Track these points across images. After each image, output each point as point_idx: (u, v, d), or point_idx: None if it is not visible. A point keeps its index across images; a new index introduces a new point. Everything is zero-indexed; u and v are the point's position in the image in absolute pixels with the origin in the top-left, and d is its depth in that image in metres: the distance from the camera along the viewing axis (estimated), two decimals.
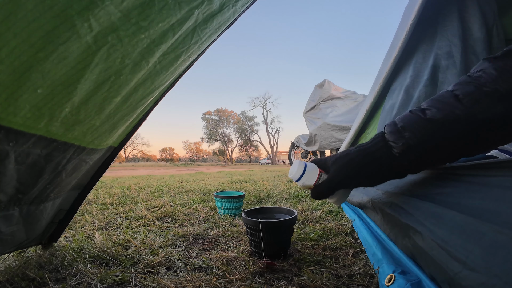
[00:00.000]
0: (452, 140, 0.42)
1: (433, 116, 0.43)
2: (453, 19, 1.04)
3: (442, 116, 0.42)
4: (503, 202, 0.36)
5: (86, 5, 0.27)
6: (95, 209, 1.26)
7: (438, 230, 0.44)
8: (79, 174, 0.58)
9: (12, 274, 0.57)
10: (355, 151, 0.50)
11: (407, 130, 0.44)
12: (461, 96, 0.41)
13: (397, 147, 0.45)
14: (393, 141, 0.45)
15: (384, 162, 0.47)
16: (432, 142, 0.43)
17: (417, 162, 0.45)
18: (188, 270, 0.61)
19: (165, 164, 27.03)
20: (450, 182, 0.51)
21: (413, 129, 0.44)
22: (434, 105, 0.44)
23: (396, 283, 0.45)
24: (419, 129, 0.43)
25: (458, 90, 0.42)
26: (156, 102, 0.63)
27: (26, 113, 0.32)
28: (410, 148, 0.44)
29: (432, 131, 0.42)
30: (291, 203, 1.43)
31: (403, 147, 0.44)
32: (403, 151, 0.44)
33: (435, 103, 0.44)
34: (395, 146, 0.45)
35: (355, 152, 0.50)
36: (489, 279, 0.30)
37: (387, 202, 0.70)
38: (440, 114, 0.42)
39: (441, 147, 0.43)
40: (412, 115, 0.45)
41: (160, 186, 2.29)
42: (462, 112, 0.41)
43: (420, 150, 0.44)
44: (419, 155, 0.44)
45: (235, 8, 0.52)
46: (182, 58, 0.50)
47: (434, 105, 0.43)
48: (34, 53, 0.28)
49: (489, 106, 0.39)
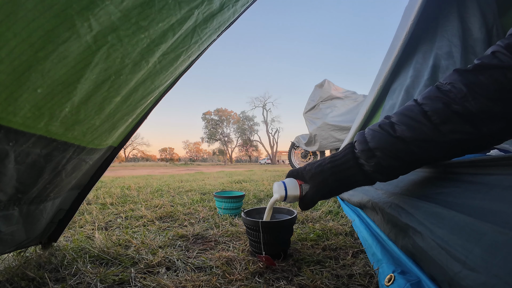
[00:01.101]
0: (423, 156, 0.43)
1: (402, 135, 0.43)
2: (453, 19, 1.04)
3: (412, 135, 0.42)
4: (503, 202, 0.36)
5: (86, 4, 0.27)
6: (95, 209, 1.26)
7: (438, 230, 0.44)
8: (79, 174, 0.58)
9: (11, 273, 0.57)
10: (328, 168, 0.51)
11: (378, 150, 0.45)
12: (430, 113, 0.41)
13: (369, 166, 0.46)
14: (364, 160, 0.47)
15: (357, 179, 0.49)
16: (404, 160, 0.44)
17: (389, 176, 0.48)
18: (188, 270, 0.61)
19: (165, 164, 27.04)
20: (450, 182, 0.51)
21: (384, 149, 0.44)
22: (403, 121, 0.44)
23: (395, 283, 0.45)
24: (390, 149, 0.44)
25: (427, 105, 0.42)
26: (156, 102, 0.63)
27: (26, 112, 0.32)
28: (382, 167, 0.45)
29: (402, 150, 0.43)
30: (290, 203, 1.43)
31: (375, 167, 0.45)
32: (374, 170, 0.46)
33: (404, 119, 0.44)
34: (366, 165, 0.46)
35: (328, 169, 0.51)
36: (489, 279, 0.30)
37: (387, 202, 0.70)
38: (409, 132, 0.42)
39: (412, 163, 0.45)
40: (383, 133, 0.45)
41: (160, 186, 2.29)
42: (431, 131, 0.41)
43: (391, 167, 0.45)
44: (391, 171, 0.46)
45: (235, 8, 0.52)
46: (182, 58, 0.50)
47: (403, 122, 0.44)
48: (34, 53, 0.28)
49: (458, 125, 0.39)
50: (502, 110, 0.37)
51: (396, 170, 0.46)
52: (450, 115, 0.40)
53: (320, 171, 0.53)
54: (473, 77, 0.39)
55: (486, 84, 0.38)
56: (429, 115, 0.41)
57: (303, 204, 0.59)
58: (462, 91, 0.39)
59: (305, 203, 0.58)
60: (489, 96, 0.37)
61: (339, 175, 0.50)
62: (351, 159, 0.48)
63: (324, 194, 0.54)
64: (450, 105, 0.39)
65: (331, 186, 0.51)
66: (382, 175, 0.46)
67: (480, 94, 0.38)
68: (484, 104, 0.37)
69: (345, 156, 0.50)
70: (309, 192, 0.56)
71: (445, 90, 0.41)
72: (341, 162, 0.50)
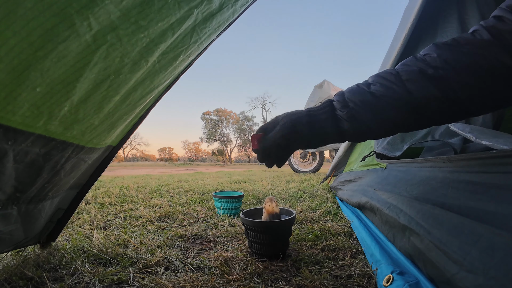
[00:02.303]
0: (390, 113, 0.45)
1: (375, 90, 0.46)
2: (453, 20, 1.04)
3: (383, 91, 0.45)
4: (500, 202, 0.36)
5: (85, 3, 0.27)
6: (94, 209, 1.26)
7: (435, 231, 0.44)
8: (78, 173, 0.57)
9: (10, 273, 0.57)
10: (305, 111, 0.52)
11: (352, 101, 0.47)
12: (401, 73, 0.45)
13: (342, 115, 0.48)
14: (339, 109, 0.49)
15: (328, 124, 0.49)
16: (372, 113, 0.46)
17: (358, 130, 0.48)
18: (186, 270, 0.61)
19: (164, 164, 26.98)
20: (447, 182, 0.51)
21: (357, 101, 0.47)
22: (378, 80, 0.47)
23: (394, 284, 0.45)
24: (362, 101, 0.46)
25: (401, 68, 0.46)
26: (155, 101, 0.63)
27: (25, 111, 0.32)
28: (353, 116, 0.47)
29: (372, 104, 0.46)
30: (290, 204, 1.43)
31: (347, 115, 0.47)
32: (346, 119, 0.48)
33: (379, 79, 0.47)
34: (340, 114, 0.48)
35: (305, 112, 0.52)
36: (486, 281, 0.30)
37: (385, 203, 0.70)
38: (381, 89, 0.46)
39: (379, 120, 0.46)
40: (358, 88, 0.49)
41: (159, 186, 2.29)
42: (399, 88, 0.44)
43: (361, 119, 0.47)
44: (359, 124, 0.47)
45: (235, 7, 0.52)
46: (181, 57, 0.50)
47: (378, 81, 0.47)
48: (33, 52, 0.27)
49: (424, 85, 0.42)
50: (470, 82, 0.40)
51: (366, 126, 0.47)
52: (418, 76, 0.43)
53: (296, 112, 0.53)
54: (448, 50, 0.42)
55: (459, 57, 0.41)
56: (401, 75, 0.45)
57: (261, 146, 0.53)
58: (435, 60, 0.42)
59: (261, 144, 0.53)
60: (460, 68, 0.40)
61: (313, 117, 0.50)
62: (328, 106, 0.50)
63: (288, 133, 0.50)
64: (421, 69, 0.43)
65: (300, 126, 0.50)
66: (352, 125, 0.47)
67: (452, 65, 0.41)
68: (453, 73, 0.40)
69: (323, 104, 0.52)
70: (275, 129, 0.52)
71: (420, 58, 0.45)
72: (318, 108, 0.52)
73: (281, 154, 0.53)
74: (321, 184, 2.29)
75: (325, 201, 1.44)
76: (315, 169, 4.49)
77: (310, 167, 4.59)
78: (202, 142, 39.80)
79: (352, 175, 1.43)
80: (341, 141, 0.51)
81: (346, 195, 1.25)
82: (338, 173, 2.26)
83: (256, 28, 72.61)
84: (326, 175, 2.36)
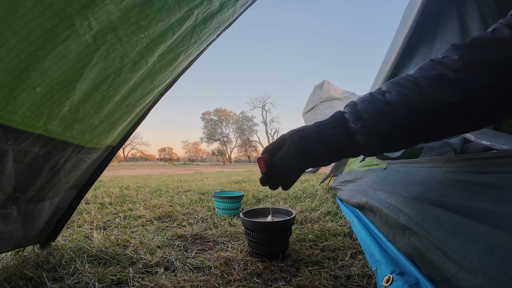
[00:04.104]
0: (408, 124, 0.41)
1: (391, 99, 0.42)
2: (453, 21, 1.04)
3: (400, 99, 0.41)
4: (500, 203, 0.36)
5: (85, 3, 0.27)
6: (93, 209, 1.26)
7: (435, 231, 0.44)
8: (78, 173, 0.57)
9: (10, 273, 0.57)
10: (313, 126, 0.48)
11: (366, 112, 0.43)
12: (419, 79, 0.41)
13: (356, 128, 0.44)
14: (352, 121, 0.45)
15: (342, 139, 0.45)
16: (390, 125, 0.42)
17: (374, 144, 0.44)
18: (186, 270, 0.61)
19: (164, 164, 26.99)
20: (447, 182, 0.51)
21: (372, 112, 0.43)
22: (394, 88, 0.43)
23: (394, 284, 0.45)
24: (378, 112, 0.42)
25: (419, 74, 0.42)
26: (155, 101, 0.63)
27: (25, 111, 0.32)
28: (369, 129, 0.43)
29: (389, 114, 0.42)
30: (289, 204, 1.43)
31: (361, 128, 0.43)
32: (361, 132, 0.44)
33: (395, 86, 0.43)
34: (353, 126, 0.44)
35: (313, 127, 0.48)
36: (486, 281, 0.30)
37: (385, 203, 0.70)
38: (398, 97, 0.42)
39: (397, 131, 0.42)
40: (372, 98, 0.44)
41: (158, 186, 2.29)
42: (417, 95, 0.40)
43: (377, 132, 0.43)
44: (376, 137, 0.43)
45: (235, 8, 0.52)
46: (181, 57, 0.50)
47: (394, 88, 0.43)
48: (33, 52, 0.27)
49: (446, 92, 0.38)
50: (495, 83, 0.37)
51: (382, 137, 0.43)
52: (438, 80, 0.39)
53: (304, 129, 0.48)
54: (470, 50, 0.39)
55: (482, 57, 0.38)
56: (418, 80, 0.41)
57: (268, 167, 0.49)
58: (456, 62, 0.39)
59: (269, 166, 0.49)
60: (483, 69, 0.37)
61: (323, 133, 0.46)
62: (339, 119, 0.46)
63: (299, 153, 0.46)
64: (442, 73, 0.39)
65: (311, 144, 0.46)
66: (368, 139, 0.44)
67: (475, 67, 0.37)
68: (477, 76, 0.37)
69: (333, 117, 0.48)
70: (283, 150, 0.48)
71: (439, 61, 0.41)
72: (328, 121, 0.47)
73: (290, 175, 0.49)
74: (321, 184, 2.29)
75: (325, 201, 1.44)
76: (315, 170, 4.48)
77: None
78: (202, 142, 39.84)
79: (352, 175, 1.43)
80: (355, 156, 0.47)
81: (346, 195, 1.25)
82: (338, 173, 2.26)
83: (256, 28, 72.63)
84: (326, 175, 2.36)
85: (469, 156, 0.49)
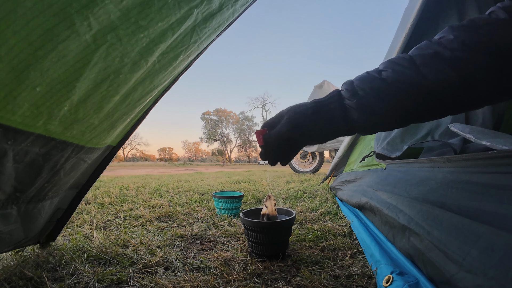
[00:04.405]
0: (403, 100, 0.42)
1: (387, 76, 0.43)
2: (453, 20, 1.04)
3: (395, 76, 0.42)
4: (500, 203, 0.36)
5: (85, 3, 0.27)
6: (93, 209, 1.26)
7: (435, 231, 0.44)
8: (77, 173, 0.57)
9: (9, 273, 0.57)
10: (310, 102, 0.49)
11: (361, 89, 0.44)
12: (415, 58, 0.42)
13: (351, 104, 0.45)
14: (348, 98, 0.45)
15: (336, 115, 0.46)
16: (384, 101, 0.43)
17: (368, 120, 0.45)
18: (186, 270, 0.61)
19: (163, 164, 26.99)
20: (447, 182, 0.51)
21: (367, 88, 0.44)
22: (389, 66, 0.44)
23: (394, 284, 0.45)
24: (373, 88, 0.43)
25: (415, 53, 0.43)
26: (155, 101, 0.63)
27: (25, 111, 0.32)
28: (363, 105, 0.44)
29: (384, 90, 0.43)
30: (289, 204, 1.43)
31: (356, 104, 0.44)
32: (356, 108, 0.44)
33: (391, 65, 0.44)
34: (349, 103, 0.45)
35: (310, 103, 0.49)
36: (486, 282, 0.30)
37: (385, 203, 0.70)
38: (393, 74, 0.42)
39: (391, 108, 0.43)
40: (369, 76, 0.45)
41: (158, 186, 2.29)
42: (413, 72, 0.41)
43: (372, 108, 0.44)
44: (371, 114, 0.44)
45: (235, 7, 0.52)
46: (181, 57, 0.50)
47: (390, 66, 0.44)
48: (33, 51, 0.27)
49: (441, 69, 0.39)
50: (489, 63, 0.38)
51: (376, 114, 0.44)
52: (434, 59, 0.40)
53: (301, 104, 0.50)
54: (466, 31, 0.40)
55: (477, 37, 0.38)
56: (414, 59, 0.42)
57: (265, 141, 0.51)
58: (452, 41, 0.40)
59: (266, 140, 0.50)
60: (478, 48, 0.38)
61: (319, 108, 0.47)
62: (335, 95, 0.47)
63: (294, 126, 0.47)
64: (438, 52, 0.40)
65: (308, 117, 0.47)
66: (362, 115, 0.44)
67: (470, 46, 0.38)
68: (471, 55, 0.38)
69: (330, 94, 0.49)
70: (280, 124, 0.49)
71: (436, 41, 0.42)
72: (325, 98, 0.48)
73: (287, 150, 0.51)
74: (321, 184, 2.29)
75: (325, 202, 1.44)
76: (315, 170, 4.49)
77: (310, 168, 4.60)
78: (202, 142, 39.87)
79: (352, 175, 1.43)
80: (350, 133, 0.48)
81: (346, 196, 1.25)
82: (338, 173, 2.26)
83: (257, 28, 72.61)
84: (326, 175, 2.36)
85: (469, 156, 0.49)
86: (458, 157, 0.53)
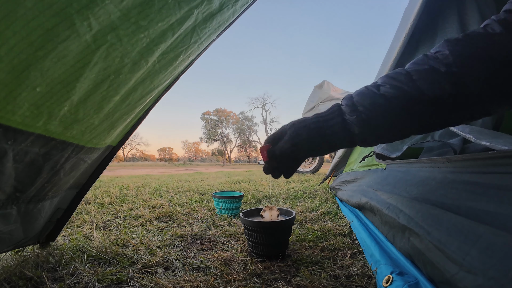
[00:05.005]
0: (402, 115, 0.43)
1: (386, 92, 0.44)
2: (453, 21, 1.04)
3: (393, 92, 0.43)
4: (500, 203, 0.36)
5: (85, 3, 0.27)
6: (93, 209, 1.26)
7: (435, 231, 0.44)
8: (77, 173, 0.57)
9: (9, 273, 0.57)
10: (312, 118, 0.51)
11: (361, 105, 0.46)
12: (412, 73, 0.43)
13: (351, 119, 0.46)
14: (348, 113, 0.47)
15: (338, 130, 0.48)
16: (383, 116, 0.44)
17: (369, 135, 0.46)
18: (186, 270, 0.61)
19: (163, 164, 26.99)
20: (447, 183, 0.51)
21: (367, 104, 0.45)
22: (387, 81, 0.45)
23: (394, 284, 0.45)
24: (372, 104, 0.45)
25: (411, 68, 0.44)
26: (155, 101, 0.63)
27: (25, 111, 0.32)
28: (363, 121, 0.45)
29: (383, 106, 0.44)
30: (289, 204, 1.43)
31: (357, 120, 0.45)
32: (356, 123, 0.46)
33: (389, 80, 0.45)
34: (349, 118, 0.46)
35: (312, 118, 0.51)
36: (486, 282, 0.30)
37: (385, 203, 0.70)
38: (391, 90, 0.44)
39: (391, 122, 0.44)
40: (368, 91, 0.47)
41: (158, 186, 2.29)
42: (410, 88, 0.42)
43: (371, 123, 0.45)
44: (371, 128, 0.45)
45: (235, 8, 0.52)
46: (181, 57, 0.50)
47: (387, 82, 0.45)
48: (33, 52, 0.27)
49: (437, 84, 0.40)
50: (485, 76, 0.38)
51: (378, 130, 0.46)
52: (430, 74, 0.41)
53: (303, 120, 0.51)
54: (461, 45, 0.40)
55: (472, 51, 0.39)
56: (411, 74, 0.43)
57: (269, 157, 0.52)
58: (448, 57, 0.40)
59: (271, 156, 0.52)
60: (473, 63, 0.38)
61: (321, 124, 0.49)
62: (336, 111, 0.49)
63: (298, 143, 0.49)
64: (434, 67, 0.41)
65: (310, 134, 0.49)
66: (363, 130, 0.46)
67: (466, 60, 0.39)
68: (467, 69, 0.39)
69: (331, 109, 0.50)
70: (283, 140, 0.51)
71: (432, 56, 0.43)
72: (326, 113, 0.50)
73: (291, 164, 0.52)
74: (321, 184, 2.29)
75: (324, 202, 1.44)
76: (315, 170, 4.49)
77: (309, 168, 4.60)
78: (202, 142, 39.85)
79: (352, 175, 1.43)
80: (351, 146, 0.50)
81: (346, 196, 1.25)
82: (337, 173, 2.26)
83: (257, 29, 72.64)
84: (326, 175, 2.36)
85: (469, 156, 0.49)
86: (458, 157, 0.53)
